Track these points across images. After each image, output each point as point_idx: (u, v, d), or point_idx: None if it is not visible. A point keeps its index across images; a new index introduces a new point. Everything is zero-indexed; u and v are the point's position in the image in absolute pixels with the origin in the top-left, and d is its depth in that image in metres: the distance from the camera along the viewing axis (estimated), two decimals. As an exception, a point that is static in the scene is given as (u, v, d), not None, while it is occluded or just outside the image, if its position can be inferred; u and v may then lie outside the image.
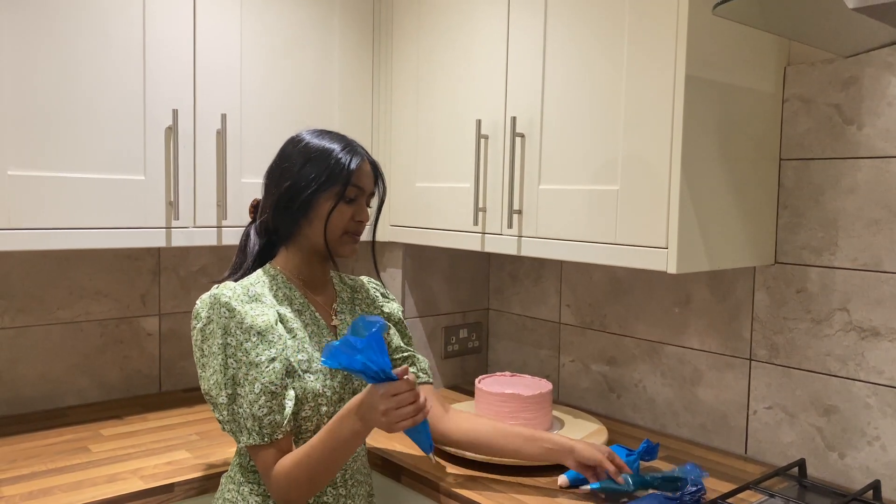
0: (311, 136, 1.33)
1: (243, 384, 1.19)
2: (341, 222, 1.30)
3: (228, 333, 1.21)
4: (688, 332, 1.79)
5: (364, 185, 1.32)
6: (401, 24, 1.97)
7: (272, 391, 1.19)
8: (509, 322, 2.25)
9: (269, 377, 1.19)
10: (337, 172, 1.28)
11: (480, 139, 1.73)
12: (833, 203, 1.53)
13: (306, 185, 1.28)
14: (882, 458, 1.48)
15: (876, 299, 1.48)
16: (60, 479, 1.42)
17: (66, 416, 1.82)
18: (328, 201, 1.29)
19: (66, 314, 1.89)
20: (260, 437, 1.19)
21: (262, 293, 1.28)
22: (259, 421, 1.18)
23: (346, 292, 1.44)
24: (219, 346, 1.21)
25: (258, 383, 1.18)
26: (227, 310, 1.22)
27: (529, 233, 1.65)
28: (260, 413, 1.18)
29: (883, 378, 1.47)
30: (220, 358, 1.21)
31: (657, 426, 1.86)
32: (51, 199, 1.50)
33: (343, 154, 1.30)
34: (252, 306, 1.24)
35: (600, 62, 1.50)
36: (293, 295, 1.32)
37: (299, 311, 1.31)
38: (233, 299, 1.23)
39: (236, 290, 1.25)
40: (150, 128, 1.62)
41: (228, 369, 1.20)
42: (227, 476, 1.34)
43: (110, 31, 1.56)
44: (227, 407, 1.21)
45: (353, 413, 1.17)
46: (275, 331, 1.22)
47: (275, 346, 1.21)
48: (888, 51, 1.44)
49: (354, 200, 1.31)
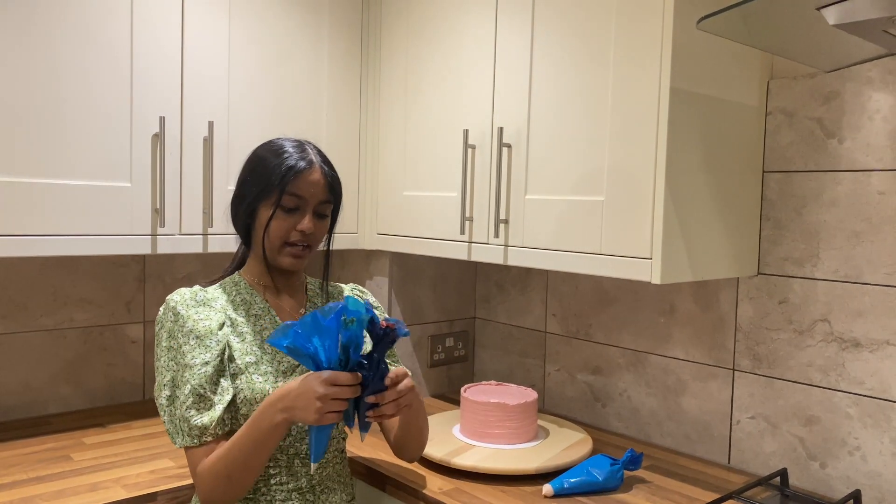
0: (265, 145, 1.33)
1: (180, 386, 1.22)
2: (279, 232, 1.27)
3: (172, 337, 1.25)
4: (672, 342, 1.80)
5: (305, 193, 1.27)
6: (389, 34, 1.98)
7: (200, 394, 1.21)
8: (495, 331, 2.25)
9: (199, 380, 1.21)
10: (273, 181, 1.26)
11: (468, 149, 1.74)
12: (815, 215, 1.55)
13: (247, 193, 1.30)
14: (862, 467, 1.49)
15: (856, 310, 1.50)
16: (42, 487, 1.41)
17: (48, 424, 1.80)
18: (266, 210, 1.27)
19: (50, 321, 1.87)
20: (190, 438, 1.21)
21: (213, 297, 1.30)
22: (187, 422, 1.21)
23: (320, 298, 1.43)
24: (164, 349, 1.25)
25: (188, 385, 1.21)
26: (173, 314, 1.26)
27: (516, 242, 1.65)
28: (188, 415, 1.21)
29: (863, 388, 1.49)
30: (163, 360, 1.25)
31: (641, 435, 1.87)
32: (36, 205, 1.49)
33: (287, 160, 1.26)
34: (197, 310, 1.26)
35: (587, 74, 1.52)
36: (253, 300, 1.33)
37: (257, 316, 1.32)
38: (179, 304, 1.26)
39: (184, 295, 1.28)
40: (137, 134, 1.61)
41: (168, 372, 1.24)
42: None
43: (98, 38, 1.55)
44: (165, 408, 1.24)
45: (278, 401, 1.14)
46: (214, 336, 1.24)
47: (210, 351, 1.23)
48: (869, 66, 1.46)
49: (296, 210, 1.27)
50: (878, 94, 1.46)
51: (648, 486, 1.54)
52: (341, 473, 1.39)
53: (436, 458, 1.58)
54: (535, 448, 1.66)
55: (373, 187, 2.04)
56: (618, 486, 1.50)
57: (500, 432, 1.67)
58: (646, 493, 1.50)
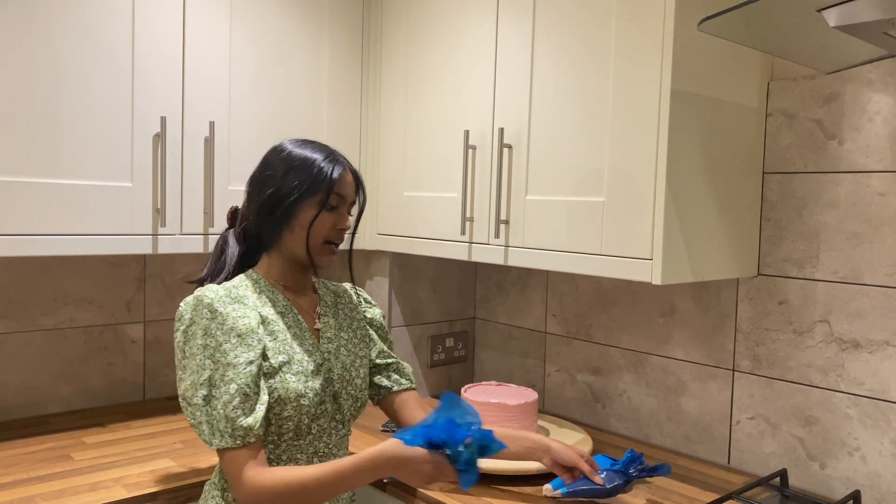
0: (294, 145, 1.34)
1: (219, 385, 1.19)
2: (323, 230, 1.31)
3: (209, 335, 1.21)
4: (672, 342, 1.81)
5: (345, 193, 1.33)
6: (390, 34, 1.99)
7: (246, 393, 1.19)
8: (495, 331, 2.26)
9: (245, 379, 1.19)
10: (320, 181, 1.29)
11: (468, 149, 1.75)
12: (815, 216, 1.56)
13: (289, 192, 1.29)
14: (862, 468, 1.50)
15: (856, 311, 1.50)
16: (42, 487, 1.41)
17: (48, 423, 1.80)
18: (311, 209, 1.29)
19: (50, 321, 1.87)
20: (232, 439, 1.19)
21: (245, 295, 1.28)
22: (232, 423, 1.18)
23: (330, 297, 1.44)
24: (198, 347, 1.22)
25: (234, 384, 1.18)
26: (209, 311, 1.22)
27: (516, 243, 1.66)
28: (233, 415, 1.18)
29: (863, 389, 1.50)
30: (198, 359, 1.21)
31: (641, 436, 1.88)
32: (37, 205, 1.49)
33: (326, 163, 1.31)
34: (234, 307, 1.24)
35: (587, 75, 1.52)
36: (276, 298, 1.33)
37: (282, 314, 1.31)
38: (215, 301, 1.23)
39: (219, 292, 1.25)
40: (138, 134, 1.62)
41: (205, 370, 1.20)
42: (211, 483, 1.33)
43: (99, 38, 1.55)
44: (201, 408, 1.21)
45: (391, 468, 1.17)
46: (255, 334, 1.23)
47: (253, 350, 1.21)
48: (868, 67, 1.47)
49: (336, 209, 1.32)
50: (878, 96, 1.46)
51: (648, 486, 1.54)
52: None
53: (436, 458, 1.58)
54: (535, 448, 1.66)
55: (373, 187, 2.04)
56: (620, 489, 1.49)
57: (501, 432, 1.67)
58: (645, 493, 1.51)
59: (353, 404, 1.36)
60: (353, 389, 1.36)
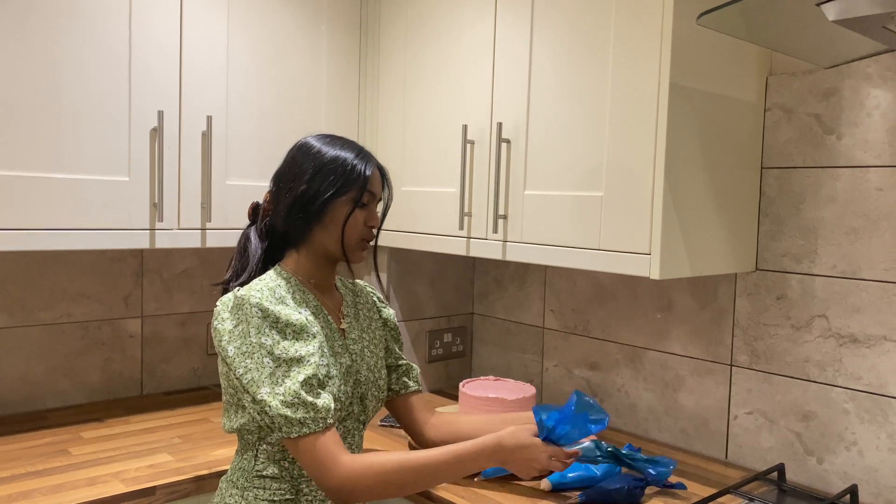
0: (322, 142, 1.33)
1: (282, 382, 1.17)
2: (357, 227, 1.32)
3: (262, 333, 1.19)
4: (670, 337, 1.81)
5: (376, 190, 1.35)
6: (388, 29, 1.98)
7: (312, 384, 1.19)
8: (493, 327, 2.26)
9: (312, 370, 1.19)
10: (353, 178, 1.30)
11: (466, 144, 1.74)
12: (813, 211, 1.56)
13: (323, 190, 1.29)
14: (859, 462, 1.50)
15: (854, 306, 1.50)
16: (40, 481, 1.41)
17: (46, 418, 1.80)
18: (345, 206, 1.30)
19: (48, 315, 1.87)
20: (315, 423, 1.17)
21: (285, 296, 1.27)
22: (312, 407, 1.17)
23: (350, 296, 1.44)
24: (253, 346, 1.19)
25: (302, 375, 1.18)
26: (259, 310, 1.20)
27: (514, 238, 1.66)
28: (309, 398, 1.17)
29: (861, 384, 1.50)
30: (256, 356, 1.18)
31: (639, 431, 1.88)
32: (34, 199, 1.49)
33: (358, 161, 1.32)
34: (282, 306, 1.23)
35: (586, 69, 1.52)
36: (307, 298, 1.32)
37: (315, 315, 1.31)
38: (263, 300, 1.22)
39: (264, 292, 1.24)
40: (136, 129, 1.61)
41: (265, 367, 1.18)
42: (228, 480, 1.30)
43: (96, 32, 1.55)
44: (268, 404, 1.17)
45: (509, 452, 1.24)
46: (311, 327, 1.23)
47: (311, 343, 1.22)
48: (867, 62, 1.47)
49: (367, 206, 1.33)
50: (876, 91, 1.46)
51: (646, 480, 1.55)
52: None
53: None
54: (533, 443, 1.66)
55: (371, 182, 2.04)
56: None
57: (499, 427, 1.67)
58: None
59: (376, 405, 1.38)
60: (377, 391, 1.37)
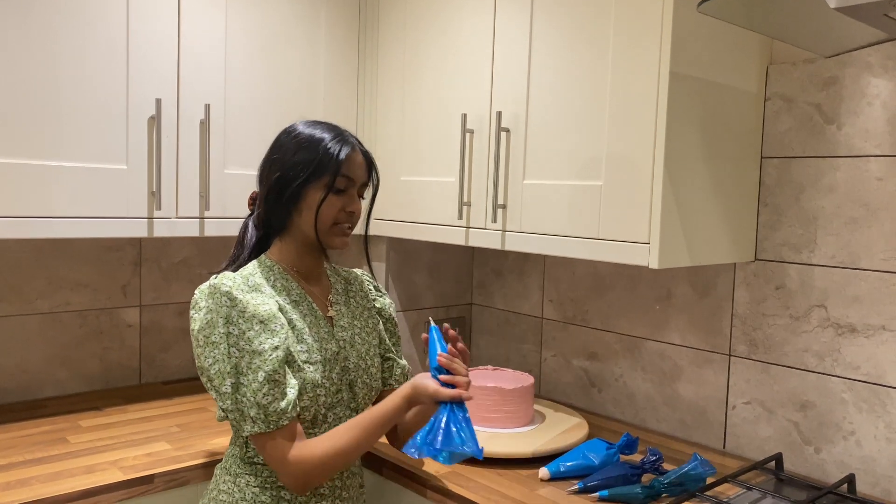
0: (304, 126, 1.32)
1: (246, 373, 1.18)
2: (331, 213, 1.29)
3: (230, 322, 1.20)
4: (668, 327, 1.81)
5: (354, 175, 1.30)
6: (387, 17, 1.97)
7: (275, 379, 1.18)
8: (492, 317, 2.26)
9: (273, 365, 1.18)
10: (326, 162, 1.27)
11: (466, 133, 1.74)
12: (813, 201, 1.56)
13: (295, 175, 1.28)
14: (857, 452, 1.50)
15: (853, 296, 1.50)
16: (38, 469, 1.41)
17: (44, 407, 1.80)
18: (318, 192, 1.27)
19: (45, 304, 1.87)
20: (266, 424, 1.18)
21: (260, 283, 1.27)
22: (264, 409, 1.17)
23: (341, 284, 1.43)
24: (221, 336, 1.20)
25: (261, 371, 1.17)
26: (228, 299, 1.21)
27: (513, 227, 1.65)
28: (264, 401, 1.17)
29: (859, 374, 1.50)
30: (222, 347, 1.19)
31: (637, 421, 1.88)
32: (31, 187, 1.48)
33: (333, 144, 1.29)
34: (253, 296, 1.23)
35: (586, 58, 1.51)
36: (290, 286, 1.31)
37: (297, 302, 1.30)
38: (233, 288, 1.22)
39: (236, 280, 1.24)
40: (133, 117, 1.60)
41: (231, 358, 1.19)
42: (222, 467, 1.32)
43: (94, 20, 1.54)
44: (230, 396, 1.19)
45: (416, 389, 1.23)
46: (277, 319, 1.22)
47: (277, 335, 1.20)
48: (868, 51, 1.46)
49: (344, 191, 1.30)
50: (877, 80, 1.46)
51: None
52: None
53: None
54: (531, 432, 1.67)
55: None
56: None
57: (497, 416, 1.67)
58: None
59: (367, 392, 1.36)
60: (369, 378, 1.36)
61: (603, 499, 1.39)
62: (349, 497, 1.35)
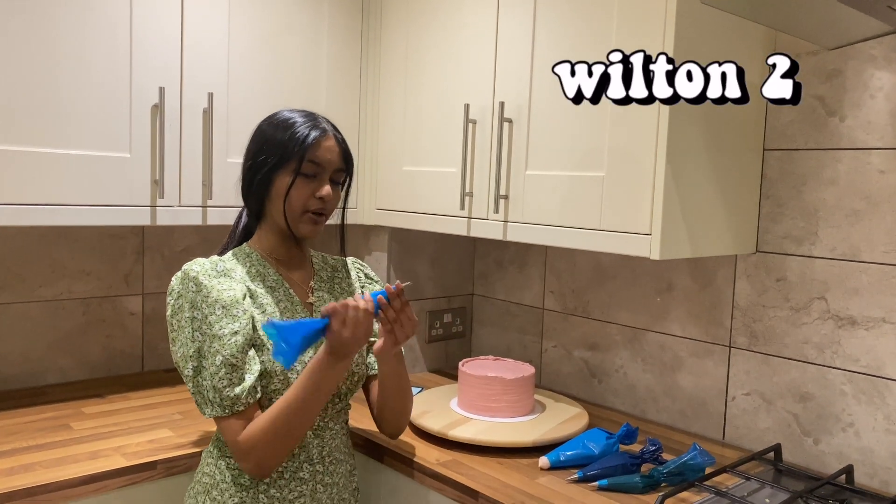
0: (280, 113, 1.34)
1: (207, 357, 1.21)
2: (300, 199, 1.28)
3: (195, 307, 1.23)
4: (669, 319, 1.81)
5: (322, 161, 1.29)
6: (390, 6, 1.97)
7: (232, 364, 1.20)
8: (493, 307, 2.26)
9: (230, 350, 1.20)
10: (291, 148, 1.27)
11: (468, 124, 1.74)
12: (814, 193, 1.56)
13: (263, 162, 1.29)
14: (855, 443, 1.51)
15: (853, 288, 1.51)
16: (42, 455, 1.42)
17: (46, 394, 1.81)
18: (285, 177, 1.28)
19: (48, 292, 1.87)
20: (221, 408, 1.21)
21: (231, 268, 1.29)
22: (219, 393, 1.20)
23: (326, 271, 1.44)
24: (186, 320, 1.23)
25: (219, 356, 1.20)
26: (194, 284, 1.23)
27: (515, 218, 1.66)
28: (220, 385, 1.20)
29: (858, 366, 1.50)
30: (187, 331, 1.23)
31: (637, 411, 1.89)
32: (35, 174, 1.48)
33: (302, 128, 1.28)
34: (220, 280, 1.25)
35: (589, 48, 1.51)
36: (267, 272, 1.33)
37: (272, 288, 1.32)
38: (200, 274, 1.24)
39: (205, 265, 1.26)
40: (137, 105, 1.60)
41: (195, 342, 1.22)
42: (207, 451, 1.35)
43: (97, 8, 1.54)
44: (192, 379, 1.23)
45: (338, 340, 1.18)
46: (240, 305, 1.23)
47: (238, 321, 1.22)
48: (871, 43, 1.46)
49: (314, 177, 1.29)
50: (880, 73, 1.45)
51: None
52: (346, 444, 1.41)
53: (433, 430, 1.60)
54: (531, 422, 1.68)
55: (372, 162, 2.04)
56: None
57: (498, 406, 1.68)
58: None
59: (350, 379, 1.36)
60: (352, 365, 1.36)
61: (602, 488, 1.40)
62: (332, 483, 1.35)
